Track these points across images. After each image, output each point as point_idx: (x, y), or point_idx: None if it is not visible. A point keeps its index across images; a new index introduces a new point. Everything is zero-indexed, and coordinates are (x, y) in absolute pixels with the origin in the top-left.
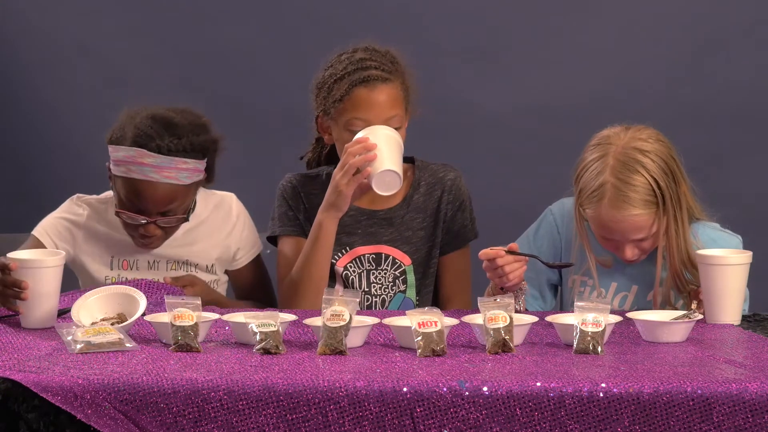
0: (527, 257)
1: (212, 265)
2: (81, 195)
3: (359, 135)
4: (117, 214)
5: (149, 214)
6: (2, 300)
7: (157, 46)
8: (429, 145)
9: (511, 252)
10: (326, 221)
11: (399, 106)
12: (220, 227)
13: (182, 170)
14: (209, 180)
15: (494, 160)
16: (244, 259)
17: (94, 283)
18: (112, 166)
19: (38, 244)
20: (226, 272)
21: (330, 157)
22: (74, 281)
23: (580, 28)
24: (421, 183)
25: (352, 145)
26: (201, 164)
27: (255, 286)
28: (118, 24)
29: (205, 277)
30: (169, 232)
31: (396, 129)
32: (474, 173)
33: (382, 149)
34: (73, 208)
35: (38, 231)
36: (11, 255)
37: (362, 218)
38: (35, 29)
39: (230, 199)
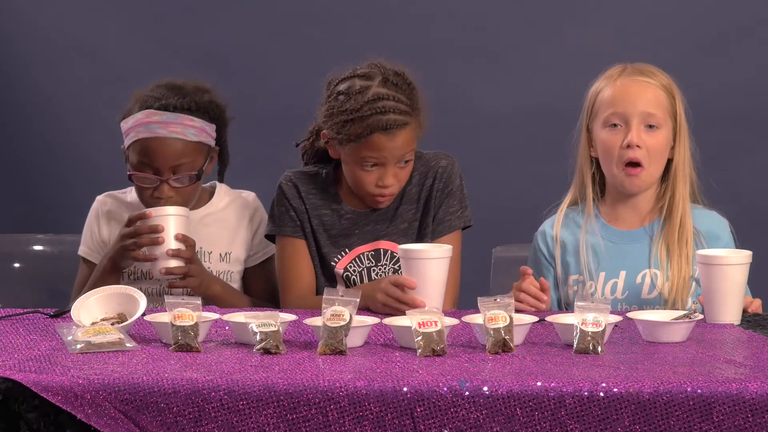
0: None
1: (227, 254)
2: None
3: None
4: (129, 177)
5: (160, 174)
6: (135, 249)
7: (157, 46)
8: (429, 144)
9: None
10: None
11: (413, 142)
12: (236, 220)
13: (188, 126)
14: (223, 161)
15: (494, 160)
16: (258, 256)
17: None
18: (125, 142)
19: (86, 263)
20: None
21: (327, 151)
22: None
23: (580, 28)
24: (414, 173)
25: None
26: (209, 127)
27: (264, 288)
28: (118, 24)
29: (219, 266)
30: (182, 194)
31: (407, 163)
32: (474, 173)
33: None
34: (96, 206)
35: (81, 251)
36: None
37: (359, 219)
38: (35, 29)
39: (248, 195)
